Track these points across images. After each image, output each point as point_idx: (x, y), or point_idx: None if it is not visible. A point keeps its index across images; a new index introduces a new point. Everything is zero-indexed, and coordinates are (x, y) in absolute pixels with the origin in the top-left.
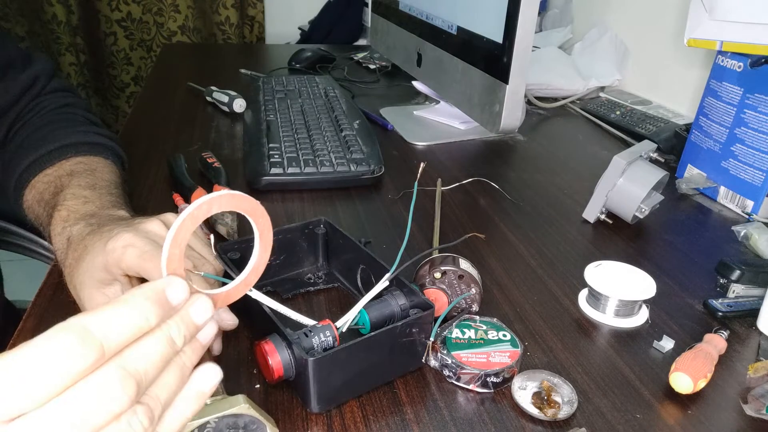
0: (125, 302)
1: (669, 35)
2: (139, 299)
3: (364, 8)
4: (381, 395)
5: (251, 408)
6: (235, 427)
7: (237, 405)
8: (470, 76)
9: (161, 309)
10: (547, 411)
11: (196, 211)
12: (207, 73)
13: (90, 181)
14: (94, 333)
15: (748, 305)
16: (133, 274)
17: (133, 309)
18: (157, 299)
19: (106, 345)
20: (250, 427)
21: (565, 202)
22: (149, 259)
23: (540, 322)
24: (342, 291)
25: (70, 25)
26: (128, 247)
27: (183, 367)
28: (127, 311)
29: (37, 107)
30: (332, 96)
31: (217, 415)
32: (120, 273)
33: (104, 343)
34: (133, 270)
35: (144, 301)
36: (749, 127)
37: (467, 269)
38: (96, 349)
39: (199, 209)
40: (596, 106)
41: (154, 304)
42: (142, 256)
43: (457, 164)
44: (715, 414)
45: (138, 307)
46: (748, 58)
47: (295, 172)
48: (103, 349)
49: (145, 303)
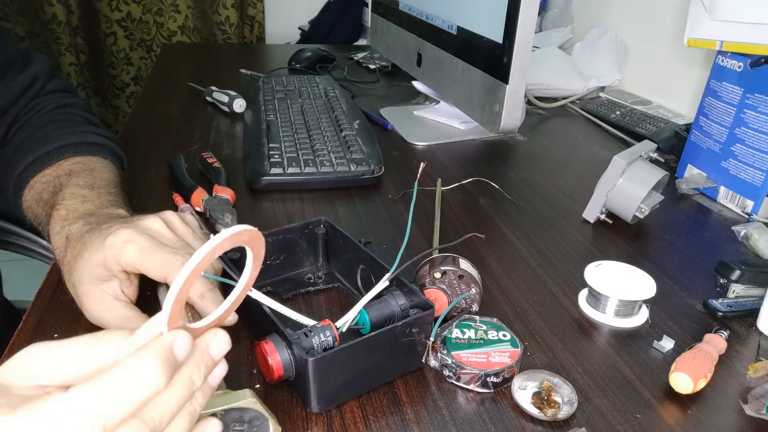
0: (134, 372)
1: (669, 35)
2: (148, 364)
3: (364, 8)
4: (381, 395)
5: (258, 403)
6: (240, 421)
7: (244, 399)
8: (470, 76)
9: (171, 369)
10: (547, 411)
11: (199, 265)
12: (207, 73)
13: (89, 180)
14: (98, 411)
15: (748, 305)
16: (132, 270)
17: (142, 379)
18: (165, 359)
19: (109, 423)
20: (255, 423)
21: (565, 202)
22: (149, 254)
23: (540, 322)
24: (342, 291)
25: (70, 25)
26: (128, 243)
27: (193, 413)
28: (136, 382)
29: (36, 107)
30: (332, 96)
31: (224, 407)
32: (118, 269)
33: (107, 421)
34: (132, 266)
35: (153, 364)
36: (749, 127)
37: (467, 269)
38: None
39: (204, 260)
40: (596, 106)
41: (164, 368)
42: (141, 252)
43: (457, 164)
44: (715, 414)
45: (147, 374)
46: (748, 58)
47: (295, 172)
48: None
49: (154, 367)
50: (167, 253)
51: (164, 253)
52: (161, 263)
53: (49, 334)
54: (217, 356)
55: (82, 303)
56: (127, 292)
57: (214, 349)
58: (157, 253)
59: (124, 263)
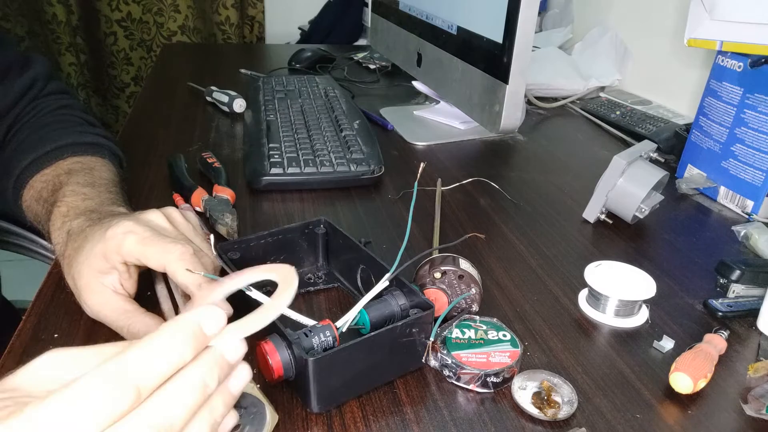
0: (160, 340)
1: (669, 35)
2: (176, 335)
3: (364, 8)
4: (381, 395)
5: (255, 389)
6: (237, 406)
7: None
8: (470, 76)
9: (197, 343)
10: (547, 411)
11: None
12: (207, 73)
13: (89, 179)
14: (130, 377)
15: (748, 305)
16: (133, 260)
17: (169, 348)
18: (192, 332)
19: (142, 387)
20: (251, 410)
21: (565, 202)
22: (149, 243)
23: (540, 322)
24: (342, 291)
25: (70, 25)
26: (128, 233)
27: (214, 424)
28: (162, 351)
29: (35, 110)
30: (332, 96)
31: None
32: (119, 260)
33: (140, 385)
34: (132, 256)
35: (180, 337)
36: (749, 127)
37: (467, 269)
38: (131, 394)
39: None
40: (596, 106)
41: (189, 339)
42: (141, 242)
43: (457, 164)
44: (715, 414)
45: (174, 345)
46: (748, 58)
47: (295, 172)
48: (139, 392)
49: (180, 339)
50: (167, 243)
51: (164, 243)
52: (161, 252)
53: (49, 334)
54: (231, 358)
55: (80, 296)
56: (126, 286)
57: (229, 353)
58: (157, 243)
59: (124, 253)
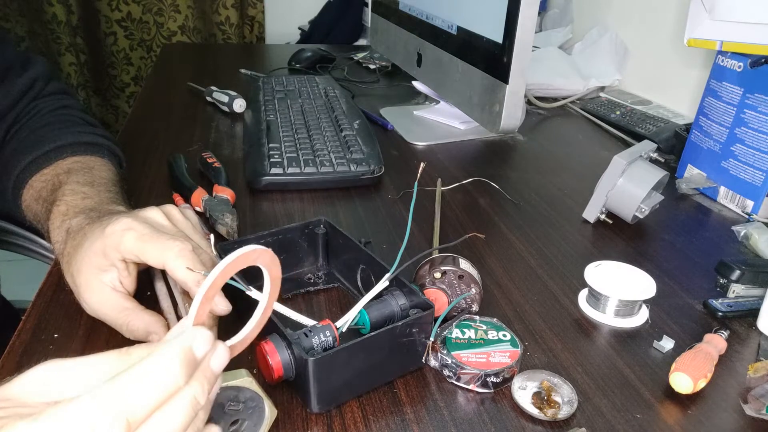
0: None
1: (669, 35)
2: (170, 362)
3: (364, 8)
4: (381, 395)
5: (254, 383)
6: (235, 400)
7: (240, 378)
8: (470, 76)
9: (190, 368)
10: (547, 411)
11: (228, 267)
12: (207, 73)
13: (88, 178)
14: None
15: (748, 305)
16: (131, 257)
17: (165, 377)
18: (185, 358)
19: (133, 421)
20: (250, 404)
21: (565, 202)
22: (148, 240)
23: (540, 322)
24: (342, 291)
25: (70, 25)
26: (127, 230)
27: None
28: (158, 380)
29: (35, 110)
30: (332, 96)
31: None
32: (118, 258)
33: (131, 419)
34: (131, 253)
35: (174, 363)
36: (749, 127)
37: (467, 269)
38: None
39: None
40: (596, 106)
41: (183, 365)
42: (141, 239)
43: (457, 164)
44: (715, 414)
45: (168, 371)
46: (748, 58)
47: (295, 172)
48: (129, 424)
49: (174, 365)
50: (166, 240)
51: (163, 240)
52: (159, 249)
53: (49, 334)
54: (217, 370)
55: (79, 294)
56: (125, 283)
57: (215, 364)
58: (156, 240)
59: (123, 250)
